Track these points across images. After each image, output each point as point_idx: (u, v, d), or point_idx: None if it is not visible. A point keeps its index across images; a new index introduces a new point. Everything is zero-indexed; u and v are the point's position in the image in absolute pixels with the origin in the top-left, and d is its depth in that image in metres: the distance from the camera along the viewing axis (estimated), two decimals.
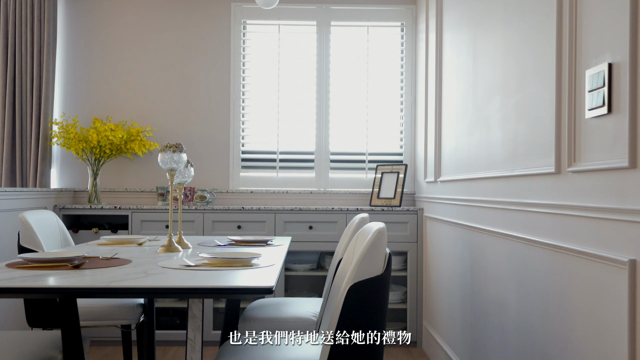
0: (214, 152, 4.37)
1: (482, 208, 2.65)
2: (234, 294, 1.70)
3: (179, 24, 4.39)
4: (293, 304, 2.80)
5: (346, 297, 1.72)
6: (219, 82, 4.38)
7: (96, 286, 1.62)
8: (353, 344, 1.72)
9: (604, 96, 1.55)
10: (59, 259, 1.93)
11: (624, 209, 1.45)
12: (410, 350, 3.95)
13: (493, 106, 2.52)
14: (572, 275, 1.75)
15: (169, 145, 2.41)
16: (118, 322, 2.77)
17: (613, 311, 1.51)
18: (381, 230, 1.80)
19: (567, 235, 1.78)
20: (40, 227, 2.83)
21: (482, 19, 2.70)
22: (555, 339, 1.87)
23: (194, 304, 1.91)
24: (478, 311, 2.73)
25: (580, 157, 1.70)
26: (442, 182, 3.46)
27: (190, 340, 1.91)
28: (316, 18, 4.42)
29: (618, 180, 1.49)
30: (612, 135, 1.52)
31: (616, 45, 1.51)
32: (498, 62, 2.47)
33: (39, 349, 2.03)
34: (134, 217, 3.94)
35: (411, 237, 4.00)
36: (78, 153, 4.10)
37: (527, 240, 2.09)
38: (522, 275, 2.17)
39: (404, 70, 4.41)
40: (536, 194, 2.03)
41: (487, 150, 2.59)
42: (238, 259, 2.02)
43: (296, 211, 3.97)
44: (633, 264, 1.42)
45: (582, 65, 1.70)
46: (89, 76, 4.36)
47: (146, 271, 1.86)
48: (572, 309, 1.75)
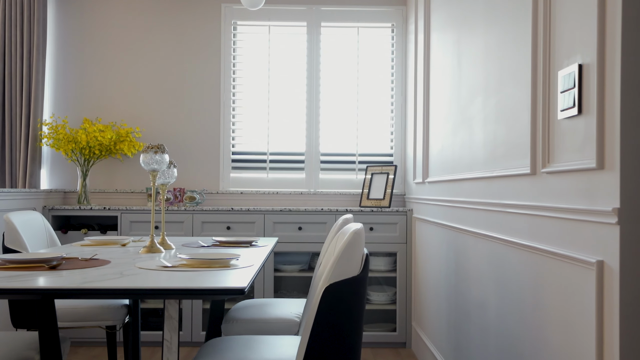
0: (204, 153, 4.37)
1: (465, 209, 2.65)
2: (206, 295, 1.70)
3: (169, 24, 4.39)
4: (277, 305, 2.80)
5: (322, 298, 1.72)
6: (209, 83, 4.39)
7: (67, 287, 1.62)
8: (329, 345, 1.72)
9: (574, 97, 1.55)
10: (36, 260, 1.93)
11: (592, 209, 1.45)
12: (399, 351, 3.94)
13: (475, 107, 2.52)
14: (546, 277, 1.75)
15: (150, 146, 2.40)
16: (103, 323, 2.77)
17: (582, 312, 1.51)
18: (358, 231, 1.80)
19: (542, 236, 1.78)
20: (25, 228, 2.83)
21: (466, 20, 2.70)
22: (531, 340, 1.87)
23: (170, 305, 1.91)
24: (462, 312, 2.73)
25: (553, 158, 1.70)
26: (430, 183, 3.46)
27: (166, 341, 1.91)
28: (306, 19, 4.42)
29: (587, 181, 1.49)
30: (582, 136, 1.52)
31: (586, 47, 1.51)
32: (480, 64, 2.47)
33: (17, 349, 2.03)
34: (123, 218, 3.95)
35: (400, 238, 4.00)
36: (67, 154, 4.10)
37: (505, 241, 2.09)
38: (501, 277, 2.17)
39: (394, 71, 4.41)
40: (513, 195, 2.03)
41: (470, 151, 2.59)
42: (216, 260, 2.02)
43: (285, 212, 3.97)
44: (600, 265, 1.42)
45: (556, 66, 1.70)
46: (78, 77, 4.37)
47: (122, 272, 1.86)
48: (546, 310, 1.75)
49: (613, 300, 1.37)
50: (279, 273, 4.04)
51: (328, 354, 1.72)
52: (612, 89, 1.38)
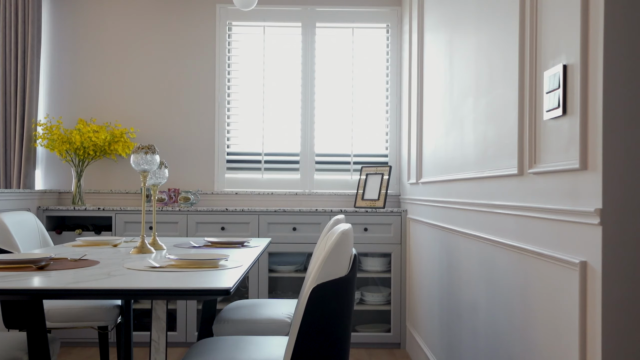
0: (199, 153, 4.37)
1: (457, 209, 2.65)
2: (191, 295, 1.69)
3: (164, 25, 4.39)
4: (269, 306, 2.79)
5: (309, 299, 1.71)
6: (204, 84, 4.39)
7: (52, 287, 1.62)
8: (316, 346, 1.72)
9: (559, 97, 1.55)
10: (24, 261, 1.93)
11: (575, 210, 1.45)
12: (394, 352, 3.94)
13: (467, 108, 2.52)
14: (533, 278, 1.75)
15: (141, 146, 2.40)
16: (95, 324, 2.78)
17: (567, 313, 1.50)
18: (346, 231, 1.80)
19: (529, 236, 1.78)
20: (17, 228, 2.83)
21: (458, 20, 2.70)
22: (520, 340, 1.87)
23: (158, 305, 1.91)
24: (454, 313, 2.73)
25: (540, 159, 1.70)
26: (423, 184, 3.46)
27: (154, 342, 1.90)
28: (301, 19, 4.42)
29: (571, 182, 1.49)
30: (567, 136, 1.52)
31: (570, 47, 1.50)
32: (471, 64, 2.47)
33: (5, 350, 2.03)
34: (118, 219, 3.95)
35: (395, 239, 3.99)
36: (62, 154, 4.10)
37: (495, 242, 2.09)
38: (490, 278, 2.17)
39: (389, 71, 4.41)
40: (502, 196, 2.02)
41: (462, 152, 2.59)
42: (205, 261, 2.02)
43: (280, 212, 3.97)
44: (584, 265, 1.42)
45: (542, 66, 1.70)
46: (73, 77, 4.37)
47: (109, 272, 1.85)
48: (533, 311, 1.75)
49: (596, 301, 1.37)
50: (273, 274, 4.04)
51: (315, 354, 1.72)
52: (595, 89, 1.38)
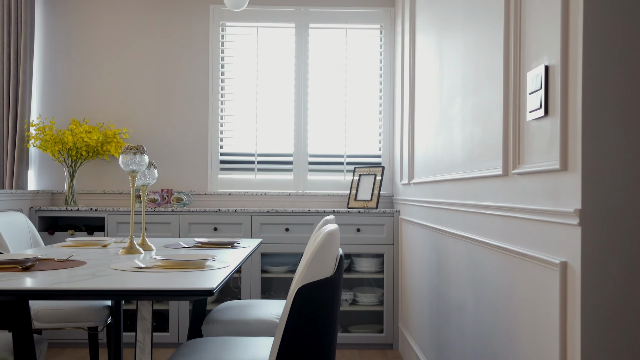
0: (192, 154, 4.37)
1: (446, 210, 2.66)
2: (174, 296, 1.69)
3: (158, 25, 4.39)
4: (259, 306, 2.79)
5: (294, 299, 1.71)
6: (197, 84, 4.39)
7: (36, 288, 1.62)
8: (301, 345, 1.72)
9: (541, 98, 1.55)
10: (9, 261, 1.93)
11: (556, 211, 1.45)
12: (386, 352, 3.94)
13: (455, 108, 2.52)
14: (517, 278, 1.75)
15: (129, 146, 2.40)
16: (84, 324, 2.77)
17: (548, 313, 1.51)
18: (332, 232, 1.80)
19: (514, 237, 1.78)
20: (8, 229, 2.83)
21: (447, 21, 2.71)
22: (504, 341, 1.87)
23: (143, 306, 1.91)
24: (442, 314, 2.73)
25: (524, 159, 1.70)
26: (415, 185, 3.46)
27: (139, 343, 1.90)
28: (295, 20, 4.42)
29: (552, 182, 1.49)
30: (548, 137, 1.52)
31: (551, 48, 1.51)
32: (459, 65, 2.47)
33: None
34: (110, 219, 3.94)
35: (387, 240, 3.99)
36: (55, 155, 4.10)
37: (481, 243, 2.09)
38: (477, 278, 2.17)
39: (382, 72, 4.42)
40: (488, 196, 2.03)
41: (450, 153, 2.59)
42: (191, 261, 2.02)
43: (272, 213, 3.97)
44: (564, 266, 1.42)
45: (525, 67, 1.71)
46: (66, 78, 4.37)
47: (94, 273, 1.85)
48: (517, 311, 1.75)
49: (575, 301, 1.37)
50: (266, 274, 4.04)
51: (301, 354, 1.72)
52: (575, 90, 1.38)
